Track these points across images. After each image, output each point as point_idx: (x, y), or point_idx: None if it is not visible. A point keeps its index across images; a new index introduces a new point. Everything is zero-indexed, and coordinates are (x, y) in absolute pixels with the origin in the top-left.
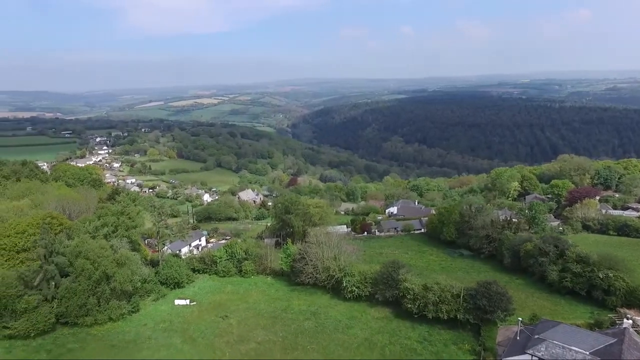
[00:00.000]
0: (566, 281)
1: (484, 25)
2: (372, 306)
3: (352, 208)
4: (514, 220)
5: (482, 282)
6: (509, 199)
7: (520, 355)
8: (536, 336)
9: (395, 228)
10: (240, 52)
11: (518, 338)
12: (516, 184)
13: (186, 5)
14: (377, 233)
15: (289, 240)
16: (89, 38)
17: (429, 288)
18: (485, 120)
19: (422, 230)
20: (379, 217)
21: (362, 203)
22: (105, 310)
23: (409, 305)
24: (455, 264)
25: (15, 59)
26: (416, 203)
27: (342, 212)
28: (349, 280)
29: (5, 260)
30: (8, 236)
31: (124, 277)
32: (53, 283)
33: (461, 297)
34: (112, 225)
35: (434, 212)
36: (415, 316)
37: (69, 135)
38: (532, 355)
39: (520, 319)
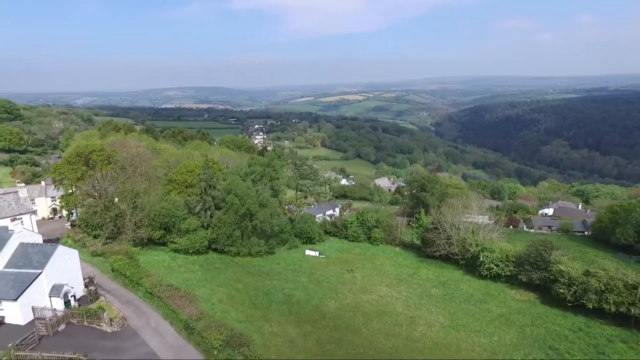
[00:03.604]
0: None
1: None
2: (512, 288)
3: (497, 205)
4: None
5: None
6: None
7: None
8: None
9: (549, 226)
10: (389, 51)
11: None
12: None
13: (343, 6)
14: (525, 228)
15: (422, 210)
16: (257, 41)
17: (592, 274)
18: None
19: (585, 233)
20: (529, 216)
21: (510, 201)
22: (246, 245)
23: (562, 291)
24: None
25: (201, 60)
26: (579, 207)
27: (485, 209)
28: (487, 256)
29: (178, 193)
30: (181, 173)
31: (264, 216)
32: (209, 213)
33: (639, 288)
34: (258, 174)
35: (603, 212)
36: (569, 304)
37: (234, 122)
38: None
39: None
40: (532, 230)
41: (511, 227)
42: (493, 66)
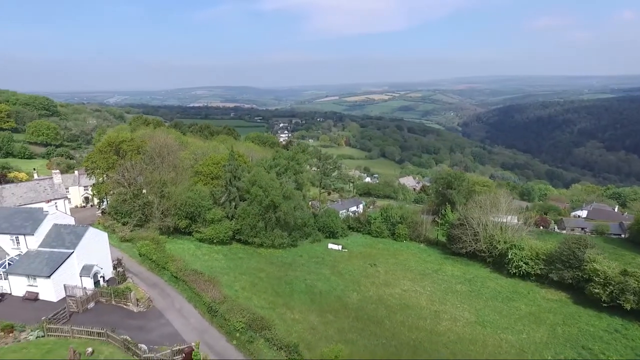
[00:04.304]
0: None
1: None
2: (542, 286)
3: (526, 206)
4: None
5: None
6: None
7: None
8: None
9: (582, 228)
10: (416, 50)
11: None
12: None
13: (370, 6)
14: (557, 229)
15: (448, 207)
16: (283, 41)
17: (630, 274)
18: None
19: (622, 236)
20: (560, 218)
21: (540, 202)
22: (269, 236)
23: (597, 291)
24: None
25: (229, 59)
26: (616, 209)
27: (514, 209)
28: (515, 254)
29: (204, 184)
30: (207, 165)
31: (288, 208)
32: (234, 204)
33: None
34: (282, 167)
35: None
36: (604, 305)
37: (259, 121)
38: None
39: None
40: (564, 232)
41: (541, 227)
42: (523, 65)
